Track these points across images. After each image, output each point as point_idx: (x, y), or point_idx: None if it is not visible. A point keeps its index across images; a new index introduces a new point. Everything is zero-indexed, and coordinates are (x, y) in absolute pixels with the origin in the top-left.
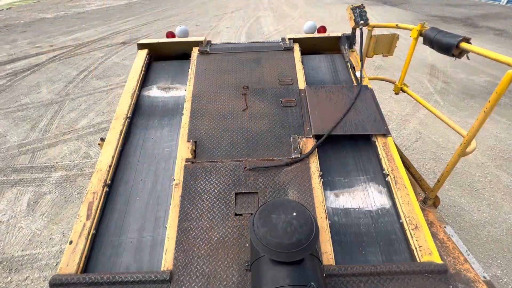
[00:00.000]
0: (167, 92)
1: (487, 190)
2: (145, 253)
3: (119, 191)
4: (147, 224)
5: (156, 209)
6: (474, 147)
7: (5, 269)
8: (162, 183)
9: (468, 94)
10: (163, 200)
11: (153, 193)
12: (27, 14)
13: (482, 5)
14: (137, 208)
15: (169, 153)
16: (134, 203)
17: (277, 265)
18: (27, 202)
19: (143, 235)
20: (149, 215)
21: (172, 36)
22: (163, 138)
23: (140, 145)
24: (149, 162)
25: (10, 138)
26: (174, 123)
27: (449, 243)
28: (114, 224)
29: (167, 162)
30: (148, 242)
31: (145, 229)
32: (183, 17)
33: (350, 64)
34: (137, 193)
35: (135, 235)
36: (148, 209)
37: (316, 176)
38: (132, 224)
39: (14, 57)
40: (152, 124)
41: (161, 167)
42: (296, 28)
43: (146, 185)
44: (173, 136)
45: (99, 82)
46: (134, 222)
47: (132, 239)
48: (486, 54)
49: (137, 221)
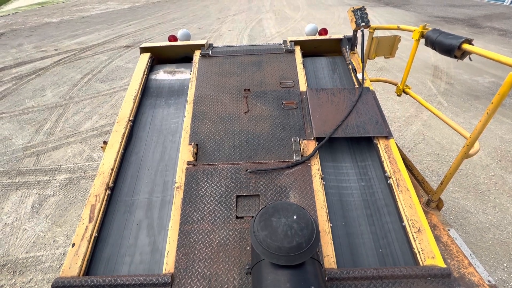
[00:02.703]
0: (172, 75)
1: (492, 192)
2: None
3: (131, 160)
4: (157, 188)
5: (164, 174)
6: (477, 149)
7: (9, 271)
8: (170, 154)
9: (472, 95)
10: (170, 167)
11: (161, 162)
12: (33, 19)
13: (485, 6)
14: (147, 174)
15: (175, 128)
16: (145, 171)
17: (277, 268)
18: (31, 204)
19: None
20: (158, 180)
21: (174, 39)
22: (170, 115)
23: (149, 121)
24: (157, 136)
25: (15, 141)
26: (180, 102)
27: (453, 246)
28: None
29: (174, 136)
30: (157, 203)
31: (155, 191)
32: (185, 20)
33: (351, 66)
34: (146, 162)
35: (146, 196)
36: (157, 175)
37: (318, 178)
38: (143, 187)
39: (20, 61)
40: (159, 103)
41: (169, 139)
42: (298, 30)
43: (155, 155)
44: (179, 114)
45: (102, 85)
46: (144, 186)
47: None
48: (488, 56)
49: (147, 185)
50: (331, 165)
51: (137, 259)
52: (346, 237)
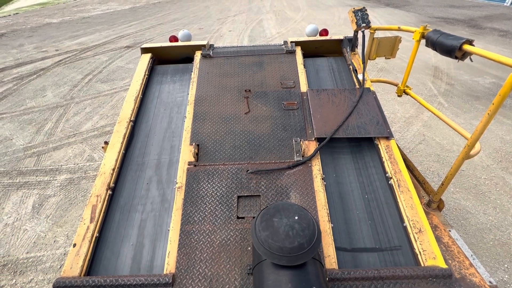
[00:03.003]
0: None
1: (493, 193)
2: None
3: (141, 127)
4: (164, 151)
5: (171, 140)
6: (478, 150)
7: (10, 271)
8: (176, 122)
9: (472, 95)
10: (176, 134)
11: (168, 129)
12: (34, 19)
13: (486, 6)
14: (156, 138)
15: (181, 101)
16: (154, 135)
17: (279, 269)
18: (32, 204)
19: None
20: (165, 144)
21: (175, 40)
22: (175, 90)
23: (156, 96)
24: (164, 107)
25: (16, 141)
26: (184, 79)
27: (454, 247)
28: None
29: (180, 107)
30: (166, 163)
31: (163, 153)
32: (186, 21)
33: (352, 67)
34: (155, 128)
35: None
36: (164, 140)
37: (319, 179)
38: (153, 150)
39: (21, 61)
40: (165, 80)
41: (175, 111)
42: (299, 31)
43: (163, 124)
44: (184, 89)
45: (103, 85)
46: (154, 148)
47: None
48: (489, 56)
49: (157, 146)
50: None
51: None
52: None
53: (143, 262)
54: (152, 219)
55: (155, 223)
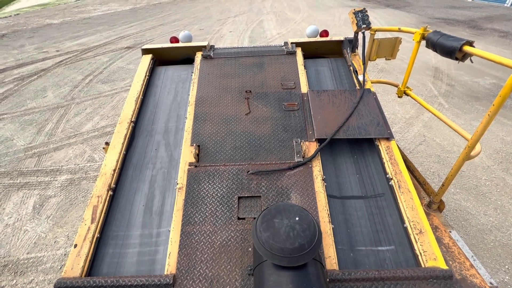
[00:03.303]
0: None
1: (494, 194)
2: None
3: (149, 102)
4: (171, 118)
5: (177, 107)
6: (478, 151)
7: (10, 272)
8: (181, 95)
9: (473, 96)
10: (182, 105)
11: (174, 102)
12: (34, 20)
13: (486, 7)
14: (164, 106)
15: (185, 78)
16: (161, 106)
17: (280, 270)
18: (32, 205)
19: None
20: (172, 113)
21: (176, 41)
22: (180, 68)
23: (163, 73)
24: (170, 83)
25: (16, 142)
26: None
27: (454, 248)
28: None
29: (184, 83)
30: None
31: (170, 121)
32: (187, 22)
33: (352, 68)
34: (163, 100)
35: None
36: (172, 108)
37: (319, 180)
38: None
39: (22, 62)
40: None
41: (180, 86)
42: (299, 31)
43: (169, 96)
44: (188, 69)
45: (104, 86)
46: (162, 117)
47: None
48: (489, 57)
49: (164, 115)
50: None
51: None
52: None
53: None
54: (173, 114)
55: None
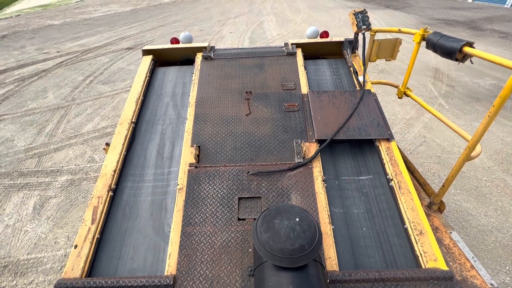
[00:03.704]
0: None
1: (494, 195)
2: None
3: (155, 86)
4: (172, 118)
5: (178, 108)
6: (479, 152)
7: (10, 272)
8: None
9: (473, 97)
10: (186, 89)
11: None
12: (35, 21)
13: (486, 8)
14: (164, 107)
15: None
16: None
17: (280, 270)
18: (33, 206)
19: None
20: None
21: (176, 42)
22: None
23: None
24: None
25: (17, 142)
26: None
27: (455, 249)
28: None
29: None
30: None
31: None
32: (187, 23)
33: (352, 69)
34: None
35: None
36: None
37: (319, 181)
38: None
39: (22, 63)
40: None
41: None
42: (299, 32)
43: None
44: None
45: (104, 87)
46: (162, 117)
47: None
48: (489, 58)
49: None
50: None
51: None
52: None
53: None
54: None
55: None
